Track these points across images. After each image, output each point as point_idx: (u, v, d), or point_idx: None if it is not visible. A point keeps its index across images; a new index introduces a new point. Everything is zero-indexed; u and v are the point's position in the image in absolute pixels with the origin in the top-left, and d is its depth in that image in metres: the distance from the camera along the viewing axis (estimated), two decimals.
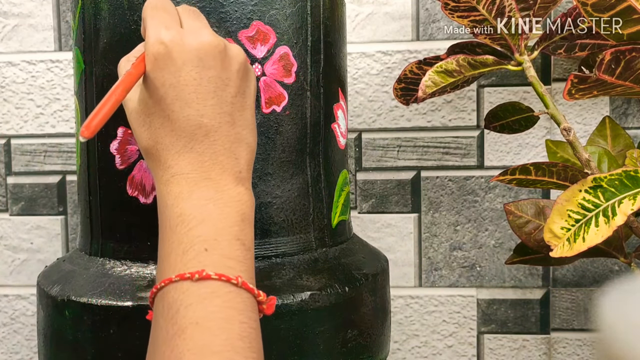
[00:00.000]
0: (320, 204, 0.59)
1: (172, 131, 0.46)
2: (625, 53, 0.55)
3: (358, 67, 0.84)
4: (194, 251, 0.43)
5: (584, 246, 0.55)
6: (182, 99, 0.45)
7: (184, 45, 0.46)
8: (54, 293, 0.57)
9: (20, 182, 0.88)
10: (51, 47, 0.87)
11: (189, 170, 0.45)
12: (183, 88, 0.45)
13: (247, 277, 0.44)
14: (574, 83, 0.58)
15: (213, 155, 0.46)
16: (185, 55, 0.46)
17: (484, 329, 0.86)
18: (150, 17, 0.48)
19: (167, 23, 0.47)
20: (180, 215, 0.45)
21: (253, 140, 0.49)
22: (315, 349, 0.55)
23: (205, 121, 0.46)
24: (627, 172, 0.56)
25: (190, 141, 0.46)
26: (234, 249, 0.44)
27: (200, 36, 0.46)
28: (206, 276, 0.42)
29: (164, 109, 0.46)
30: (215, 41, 0.47)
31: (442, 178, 0.85)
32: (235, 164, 0.46)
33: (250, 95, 0.49)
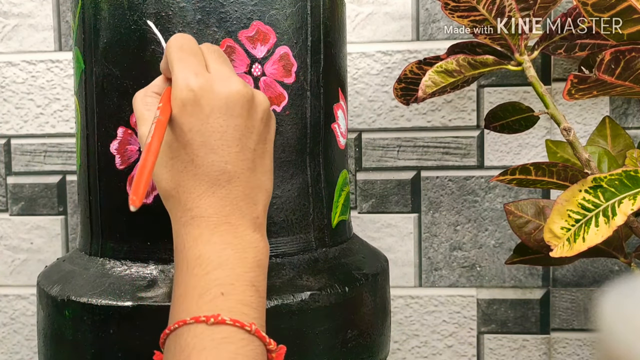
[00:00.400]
0: (320, 204, 0.59)
1: (195, 175, 0.46)
2: (625, 53, 0.55)
3: (358, 67, 0.84)
4: (211, 294, 0.44)
5: (584, 246, 0.55)
6: (208, 145, 0.46)
7: (213, 93, 0.46)
8: (54, 293, 0.57)
9: (20, 182, 0.88)
10: (51, 47, 0.87)
11: (209, 213, 0.46)
12: (210, 135, 0.46)
13: (259, 324, 0.45)
14: (573, 83, 0.58)
15: (234, 201, 0.46)
16: (213, 103, 0.46)
17: (484, 329, 0.86)
18: (177, 60, 0.47)
19: (196, 69, 0.47)
20: (198, 258, 0.45)
21: (270, 185, 0.49)
22: (315, 349, 0.55)
23: (229, 167, 0.46)
24: (627, 172, 0.56)
25: (212, 186, 0.46)
26: (248, 295, 0.45)
27: (229, 84, 0.47)
28: (221, 321, 0.43)
29: (189, 153, 0.46)
30: (244, 90, 0.47)
31: (442, 178, 0.85)
32: (253, 210, 0.47)
33: (270, 141, 0.50)
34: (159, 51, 0.54)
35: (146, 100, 0.49)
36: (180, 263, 0.46)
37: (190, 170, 0.46)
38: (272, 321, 0.53)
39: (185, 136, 0.46)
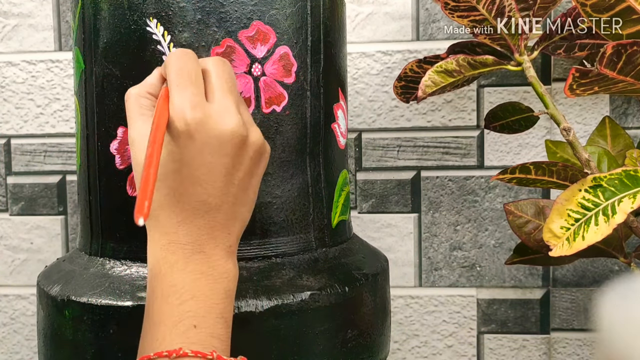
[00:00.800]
0: (320, 204, 0.59)
1: (177, 202, 0.47)
2: (627, 47, 0.55)
3: (358, 67, 0.84)
4: (184, 326, 0.45)
5: (583, 244, 0.55)
6: (194, 177, 0.47)
7: (207, 129, 0.46)
8: (54, 293, 0.57)
9: (20, 182, 0.88)
10: (51, 47, 0.87)
11: (185, 241, 0.47)
12: (197, 168, 0.47)
13: (225, 349, 0.47)
14: (575, 77, 0.58)
15: (210, 230, 0.47)
16: (206, 139, 0.46)
17: (484, 329, 0.86)
18: (176, 85, 0.47)
19: (194, 100, 0.47)
20: (173, 286, 0.46)
21: (248, 216, 0.50)
22: (315, 349, 0.55)
23: (210, 200, 0.47)
24: (626, 171, 0.56)
25: (191, 215, 0.47)
26: (218, 327, 0.47)
27: (224, 122, 0.47)
28: (183, 354, 0.44)
29: (175, 180, 0.47)
30: (238, 130, 0.47)
31: (442, 178, 0.85)
32: (227, 239, 0.48)
33: (258, 175, 0.50)
34: (159, 51, 0.54)
35: (140, 101, 0.49)
36: (155, 288, 0.47)
37: (174, 197, 0.47)
38: (272, 321, 0.53)
39: (173, 164, 0.47)
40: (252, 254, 0.56)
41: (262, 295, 0.53)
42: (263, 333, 0.53)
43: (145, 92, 0.50)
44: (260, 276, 0.55)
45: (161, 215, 0.47)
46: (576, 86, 0.59)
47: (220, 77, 0.49)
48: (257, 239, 0.56)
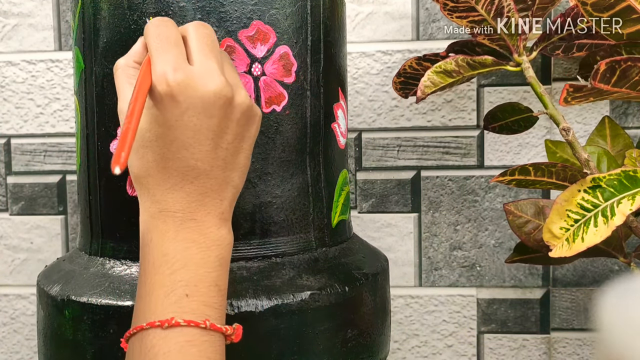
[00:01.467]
0: (320, 203, 0.59)
1: (165, 168, 0.47)
2: (621, 63, 0.56)
3: (358, 67, 0.84)
4: (176, 295, 0.45)
5: (583, 246, 0.55)
6: (180, 141, 0.46)
7: (190, 90, 0.46)
8: (54, 293, 0.57)
9: (20, 182, 0.88)
10: (51, 46, 0.87)
11: (175, 209, 0.47)
12: (183, 131, 0.46)
13: (219, 321, 0.46)
14: (569, 92, 0.58)
15: (200, 197, 0.47)
16: (190, 101, 0.46)
17: (484, 328, 0.86)
18: (156, 49, 0.47)
19: (175, 62, 0.46)
20: (165, 255, 0.46)
21: (240, 182, 0.50)
22: (315, 349, 0.55)
23: (198, 164, 0.46)
24: (626, 172, 0.56)
25: (181, 181, 0.47)
26: (211, 296, 0.46)
27: (208, 83, 0.46)
28: (175, 324, 0.44)
29: (161, 146, 0.46)
30: (222, 91, 0.46)
31: (442, 178, 0.85)
32: (219, 206, 0.48)
33: (249, 139, 0.49)
34: None
35: (128, 71, 0.49)
36: (147, 257, 0.47)
37: (160, 163, 0.46)
38: (272, 321, 0.53)
39: (159, 129, 0.46)
40: (252, 254, 0.56)
41: (262, 295, 0.53)
42: (263, 333, 0.53)
43: (132, 61, 0.50)
44: (260, 276, 0.55)
45: (150, 183, 0.47)
46: (571, 98, 0.59)
47: (200, 40, 0.48)
48: (257, 239, 0.56)
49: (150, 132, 0.46)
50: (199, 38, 0.48)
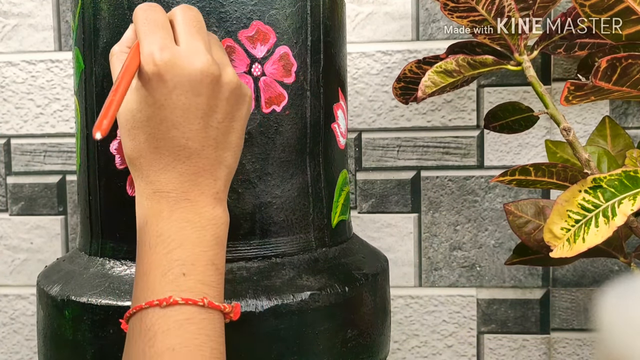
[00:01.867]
0: (320, 203, 0.59)
1: (156, 149, 0.47)
2: (622, 60, 0.55)
3: (358, 67, 0.84)
4: (173, 274, 0.45)
5: (583, 247, 0.55)
6: (170, 120, 0.46)
7: (177, 69, 0.46)
8: (54, 293, 0.57)
9: (20, 182, 0.88)
10: (51, 47, 0.87)
11: (169, 189, 0.47)
12: (172, 111, 0.46)
13: (217, 299, 0.47)
14: (570, 90, 0.58)
15: (193, 177, 0.47)
16: (177, 79, 0.46)
17: (484, 328, 0.86)
18: (143, 32, 0.47)
19: (162, 42, 0.46)
20: (160, 235, 0.46)
21: (234, 161, 0.50)
22: (315, 349, 0.55)
23: (189, 144, 0.47)
24: (626, 172, 0.56)
25: (173, 161, 0.47)
26: (208, 274, 0.46)
27: (194, 61, 0.46)
28: (174, 302, 0.44)
29: (151, 126, 0.47)
30: (209, 69, 0.47)
31: (442, 178, 0.85)
32: (213, 185, 0.48)
33: (240, 119, 0.49)
34: None
35: (121, 57, 0.49)
36: (143, 238, 0.47)
37: (152, 143, 0.47)
38: (272, 321, 0.53)
39: (148, 109, 0.46)
40: (252, 254, 0.56)
41: (262, 295, 0.53)
42: (263, 333, 0.53)
43: (126, 47, 0.50)
44: (260, 276, 0.55)
45: (143, 164, 0.47)
46: (572, 97, 0.59)
47: (187, 22, 0.48)
48: (257, 239, 0.56)
49: (140, 113, 0.47)
50: (185, 20, 0.49)
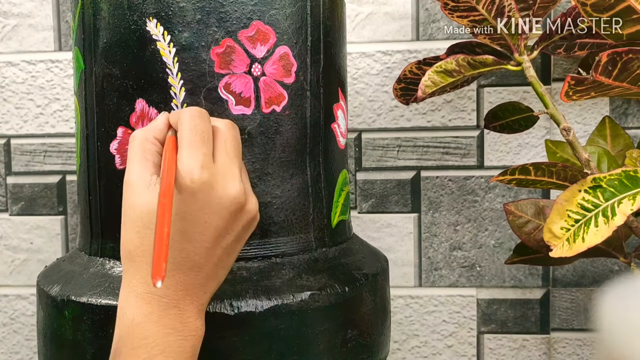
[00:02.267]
0: (320, 203, 0.59)
1: (145, 256, 0.47)
2: (622, 55, 0.55)
3: (358, 67, 0.84)
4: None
5: (583, 246, 0.55)
6: (187, 234, 0.47)
7: (211, 191, 0.47)
8: (54, 293, 0.57)
9: (20, 182, 0.88)
10: (51, 47, 0.87)
11: (162, 294, 0.47)
12: (192, 225, 0.47)
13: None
14: (571, 85, 0.58)
15: (189, 287, 0.48)
16: (207, 200, 0.47)
17: (484, 328, 0.86)
18: (188, 143, 0.47)
19: (203, 160, 0.47)
20: (145, 338, 0.46)
21: (224, 277, 0.51)
22: (315, 349, 0.55)
23: (196, 258, 0.47)
24: (626, 172, 0.56)
25: (174, 269, 0.47)
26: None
27: (228, 188, 0.48)
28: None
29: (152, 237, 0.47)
30: (238, 198, 0.48)
31: (442, 178, 0.85)
32: (202, 297, 0.49)
33: (244, 240, 0.51)
34: (159, 51, 0.54)
35: (145, 145, 0.49)
36: (125, 335, 0.47)
37: None
38: (272, 321, 0.53)
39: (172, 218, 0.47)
40: (252, 254, 0.56)
41: (262, 295, 0.53)
42: (263, 333, 0.53)
43: (152, 137, 0.50)
44: (260, 276, 0.55)
45: (144, 264, 0.47)
46: (572, 92, 0.59)
47: (230, 142, 0.50)
48: (257, 239, 0.56)
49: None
50: (228, 139, 0.50)
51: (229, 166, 0.48)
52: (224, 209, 0.47)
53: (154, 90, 0.55)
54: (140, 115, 0.55)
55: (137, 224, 0.47)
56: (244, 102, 0.55)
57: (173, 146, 0.48)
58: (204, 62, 0.54)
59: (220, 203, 0.47)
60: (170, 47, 0.54)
